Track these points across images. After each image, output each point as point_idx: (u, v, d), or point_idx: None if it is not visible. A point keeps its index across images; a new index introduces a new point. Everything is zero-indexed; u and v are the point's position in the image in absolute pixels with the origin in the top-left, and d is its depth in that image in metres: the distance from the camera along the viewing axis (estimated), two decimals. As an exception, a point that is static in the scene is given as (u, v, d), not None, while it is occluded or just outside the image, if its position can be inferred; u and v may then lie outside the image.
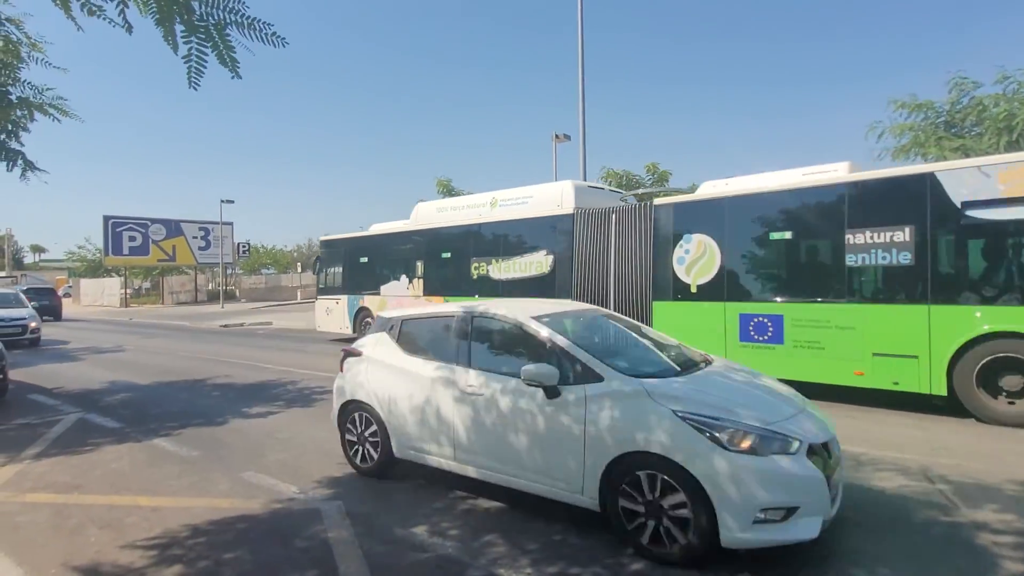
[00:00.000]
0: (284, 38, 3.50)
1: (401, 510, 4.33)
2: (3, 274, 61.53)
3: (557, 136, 21.41)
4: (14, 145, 7.60)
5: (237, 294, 43.42)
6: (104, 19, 3.60)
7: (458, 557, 3.60)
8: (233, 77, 3.49)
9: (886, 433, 6.26)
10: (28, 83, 7.13)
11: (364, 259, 15.14)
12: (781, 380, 4.63)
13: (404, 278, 13.86)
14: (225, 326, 22.85)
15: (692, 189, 11.41)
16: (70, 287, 52.72)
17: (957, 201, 6.78)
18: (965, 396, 6.74)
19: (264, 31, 3.43)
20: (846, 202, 7.61)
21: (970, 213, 6.73)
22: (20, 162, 7.57)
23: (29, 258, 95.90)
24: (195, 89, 3.37)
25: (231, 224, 41.54)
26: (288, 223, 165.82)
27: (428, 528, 4.01)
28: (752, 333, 8.25)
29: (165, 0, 3.11)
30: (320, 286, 16.58)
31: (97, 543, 3.90)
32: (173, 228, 40.59)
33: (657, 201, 9.55)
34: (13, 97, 6.94)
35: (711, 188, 9.29)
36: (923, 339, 6.93)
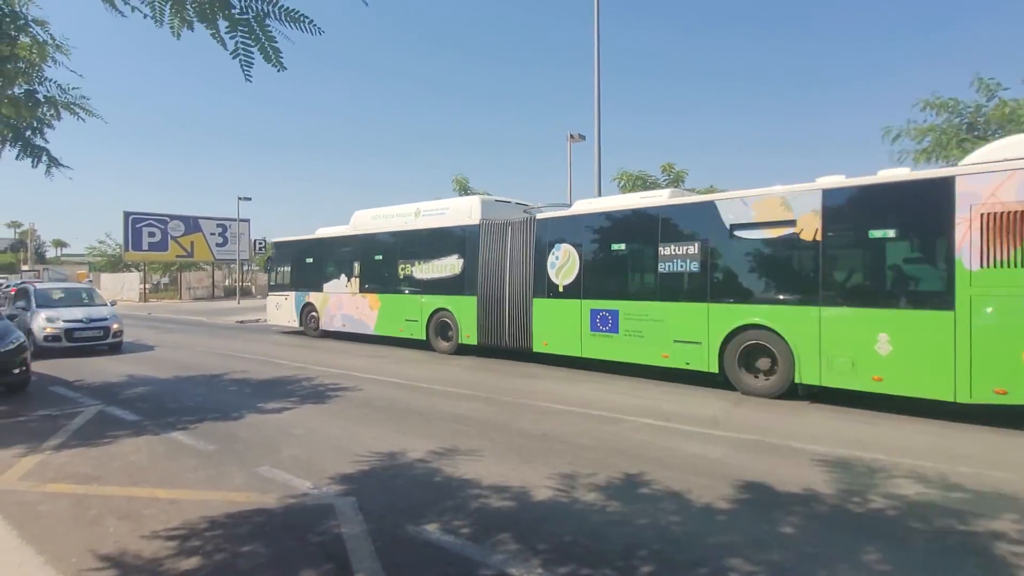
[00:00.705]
0: (320, 27, 3.55)
1: (413, 507, 4.36)
2: (27, 268, 62.72)
3: (572, 136, 21.37)
4: (39, 142, 7.74)
5: (253, 290, 43.85)
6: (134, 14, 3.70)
7: (469, 555, 3.61)
8: (279, 70, 3.58)
9: (903, 440, 6.18)
10: (54, 82, 7.26)
11: (310, 260, 17.03)
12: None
13: (343, 277, 15.72)
14: (241, 322, 23.10)
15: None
16: (90, 281, 53.59)
17: (727, 224, 8.66)
18: (730, 373, 8.60)
19: (301, 20, 3.50)
20: (659, 222, 9.50)
21: (737, 234, 8.62)
22: (45, 158, 7.71)
23: (51, 253, 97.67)
24: (249, 81, 3.50)
25: (248, 221, 41.98)
26: (304, 219, 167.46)
27: (440, 526, 4.03)
28: (599, 324, 10.21)
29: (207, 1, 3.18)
30: (271, 283, 18.49)
31: (116, 533, 3.98)
32: (191, 224, 41.07)
33: (538, 216, 11.46)
34: (40, 96, 7.07)
35: (579, 206, 11.16)
36: (704, 330, 8.88)
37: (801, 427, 6.72)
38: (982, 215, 6.61)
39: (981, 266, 6.62)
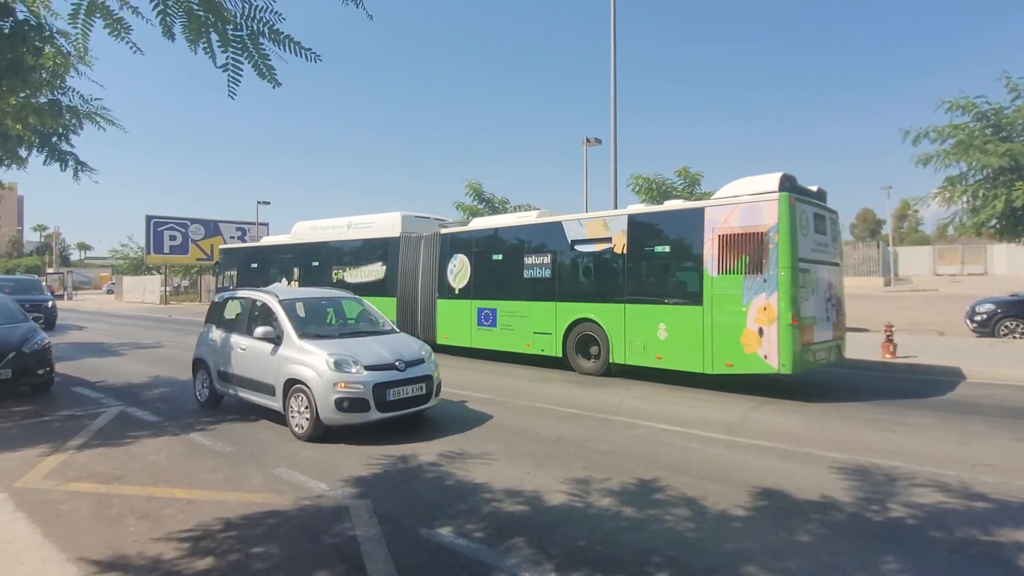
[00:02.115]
0: (318, 54, 3.59)
1: (427, 510, 4.38)
2: (51, 270, 64.06)
3: (588, 140, 21.35)
4: (65, 147, 7.92)
5: (271, 293, 44.26)
6: (128, 43, 3.78)
7: (483, 559, 3.62)
8: (274, 87, 3.63)
9: (923, 447, 6.06)
10: (76, 92, 7.42)
11: (254, 265, 18.40)
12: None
13: (284, 281, 17.16)
14: (259, 324, 23.33)
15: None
16: (113, 284, 54.60)
17: (569, 240, 10.97)
18: (570, 358, 10.85)
19: (296, 46, 3.55)
20: (526, 237, 11.83)
21: (575, 247, 10.88)
22: (72, 163, 7.89)
23: (75, 255, 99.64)
24: (232, 97, 3.52)
25: (267, 224, 42.49)
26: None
27: (453, 529, 4.05)
28: (483, 320, 12.37)
29: (203, 14, 3.23)
30: (217, 287, 19.64)
31: (136, 532, 4.04)
32: (211, 228, 41.67)
33: (442, 231, 13.63)
34: (63, 106, 7.22)
35: (474, 223, 13.62)
36: (553, 323, 11.13)
37: (819, 433, 6.62)
38: (719, 236, 8.78)
39: (719, 273, 8.77)
